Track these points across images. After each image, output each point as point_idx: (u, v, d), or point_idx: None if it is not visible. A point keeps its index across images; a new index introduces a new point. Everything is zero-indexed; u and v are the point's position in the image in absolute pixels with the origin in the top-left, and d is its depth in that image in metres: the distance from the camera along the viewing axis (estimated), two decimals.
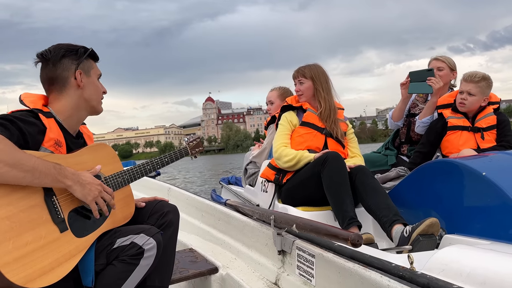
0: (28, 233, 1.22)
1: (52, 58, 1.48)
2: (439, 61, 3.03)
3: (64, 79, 1.49)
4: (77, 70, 1.49)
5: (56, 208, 1.32)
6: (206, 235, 2.47)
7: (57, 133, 1.43)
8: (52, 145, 1.39)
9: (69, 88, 1.50)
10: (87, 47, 1.55)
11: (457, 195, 1.82)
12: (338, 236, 1.25)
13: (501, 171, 1.68)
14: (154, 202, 1.68)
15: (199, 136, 1.97)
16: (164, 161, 1.72)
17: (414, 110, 3.22)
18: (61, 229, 1.31)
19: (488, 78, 2.59)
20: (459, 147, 2.57)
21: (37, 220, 1.26)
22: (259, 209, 2.03)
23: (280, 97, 3.26)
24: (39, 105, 1.45)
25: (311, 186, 2.28)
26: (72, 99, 1.50)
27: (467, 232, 1.71)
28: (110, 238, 1.43)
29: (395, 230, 1.84)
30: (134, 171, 1.60)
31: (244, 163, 3.59)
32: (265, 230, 1.85)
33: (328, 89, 2.56)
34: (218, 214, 2.41)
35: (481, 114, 2.63)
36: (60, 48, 1.50)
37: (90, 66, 1.55)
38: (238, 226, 2.14)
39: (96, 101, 1.56)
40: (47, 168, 1.25)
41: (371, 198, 2.05)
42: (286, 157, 2.40)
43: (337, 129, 2.52)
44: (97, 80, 1.58)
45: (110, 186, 1.51)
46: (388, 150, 3.42)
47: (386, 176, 2.68)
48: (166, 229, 1.58)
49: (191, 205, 2.75)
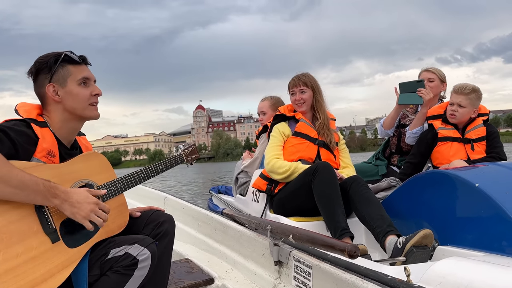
0: (19, 244, 1.21)
1: (32, 76, 1.46)
2: (430, 73, 3.07)
3: (43, 96, 1.45)
4: (49, 85, 1.43)
5: (48, 219, 1.30)
6: (202, 245, 2.45)
7: (51, 143, 1.39)
8: (45, 156, 1.36)
9: (50, 104, 1.45)
10: (60, 53, 1.45)
11: (449, 206, 1.82)
12: (335, 247, 1.24)
13: (494, 182, 1.69)
14: (149, 212, 1.65)
15: (194, 144, 1.94)
16: (159, 168, 1.68)
17: (405, 121, 3.25)
18: (52, 239, 1.29)
19: (477, 90, 2.63)
20: (449, 158, 2.60)
21: (28, 231, 1.25)
22: (256, 218, 2.01)
23: (272, 107, 3.27)
24: (34, 114, 1.42)
25: (302, 196, 2.27)
26: (56, 113, 1.46)
27: (460, 243, 1.71)
28: (104, 248, 1.41)
29: (388, 241, 1.83)
30: (128, 180, 1.57)
31: (235, 172, 3.56)
32: (262, 240, 1.83)
33: (323, 99, 2.57)
34: (214, 224, 2.38)
35: (471, 126, 2.67)
36: (35, 63, 1.44)
37: (67, 73, 1.44)
38: (234, 236, 2.12)
39: (81, 109, 1.47)
40: (36, 185, 1.23)
41: (365, 208, 2.04)
42: (279, 169, 2.39)
43: (331, 137, 2.53)
44: (78, 85, 1.46)
45: (104, 195, 1.48)
46: (378, 161, 3.44)
47: (378, 186, 2.69)
48: (161, 239, 1.56)
49: (188, 214, 2.73)
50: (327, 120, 2.55)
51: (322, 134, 2.53)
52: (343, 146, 2.66)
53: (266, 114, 3.27)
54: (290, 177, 2.37)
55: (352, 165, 2.66)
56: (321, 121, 2.53)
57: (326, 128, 2.53)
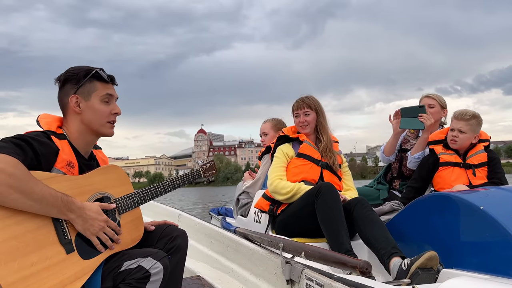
0: (34, 253, 1.23)
1: (59, 82, 1.52)
2: (430, 99, 3.13)
3: (65, 105, 1.51)
4: (73, 96, 1.48)
5: (64, 230, 1.32)
6: (214, 262, 2.44)
7: (70, 155, 1.44)
8: (65, 166, 1.40)
9: (70, 113, 1.51)
10: (92, 69, 1.52)
11: (454, 229, 1.82)
12: (347, 263, 1.24)
13: (498, 205, 1.69)
14: (163, 226, 1.67)
15: (213, 159, 1.94)
16: (176, 183, 1.70)
17: (406, 146, 3.28)
18: (67, 250, 1.31)
19: (478, 116, 2.67)
20: (451, 183, 2.60)
21: (44, 241, 1.27)
22: (268, 236, 2.01)
23: (273, 128, 3.31)
24: (54, 127, 1.47)
25: (305, 217, 2.26)
26: (74, 123, 1.51)
27: (465, 266, 1.69)
28: (117, 260, 1.41)
29: (393, 263, 1.81)
30: (144, 193, 1.59)
31: (236, 193, 3.55)
32: (274, 258, 1.82)
33: (326, 122, 2.61)
34: (227, 242, 2.38)
35: (472, 151, 2.69)
36: (66, 72, 1.52)
37: (92, 88, 1.50)
38: (246, 254, 2.11)
39: (97, 125, 1.51)
40: (55, 200, 1.27)
41: (369, 230, 2.04)
42: (282, 189, 2.40)
43: (334, 158, 2.54)
44: (101, 102, 1.51)
45: (120, 208, 1.51)
46: (380, 185, 3.44)
47: (380, 209, 2.68)
48: (174, 254, 1.56)
49: (201, 231, 2.73)
50: (330, 142, 2.58)
51: (326, 156, 2.55)
52: (346, 169, 2.68)
53: (268, 135, 3.31)
54: (293, 198, 2.37)
55: (355, 188, 2.67)
56: (324, 143, 2.56)
57: (329, 150, 2.55)
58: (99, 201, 1.47)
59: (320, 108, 2.61)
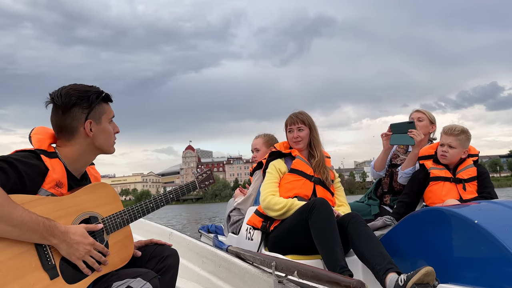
0: (16, 282, 1.17)
1: (62, 105, 1.42)
2: (420, 112, 3.19)
3: (73, 129, 1.44)
4: (87, 121, 1.44)
5: (47, 255, 1.27)
6: (206, 282, 2.38)
7: (61, 174, 1.39)
8: (53, 187, 1.35)
9: (78, 137, 1.45)
10: (100, 91, 1.49)
11: (448, 244, 1.81)
12: (340, 283, 1.21)
13: (492, 219, 1.70)
14: (153, 246, 1.63)
15: (210, 169, 1.89)
16: (169, 197, 1.65)
17: (396, 161, 3.31)
18: (51, 276, 1.26)
19: (466, 131, 2.71)
20: (442, 198, 2.62)
21: (26, 267, 1.21)
22: (260, 255, 1.97)
23: (265, 144, 3.30)
24: (45, 145, 1.41)
25: (299, 233, 2.23)
26: (81, 146, 1.46)
27: (461, 281, 1.68)
28: (106, 281, 1.37)
29: (389, 279, 1.79)
30: (134, 210, 1.54)
31: (227, 210, 3.51)
32: (266, 278, 1.79)
33: (319, 137, 2.62)
34: (219, 261, 2.33)
35: (462, 166, 2.72)
36: (71, 95, 1.42)
37: (102, 111, 1.48)
38: (239, 274, 2.07)
39: (108, 146, 1.52)
40: (36, 225, 1.22)
41: (364, 246, 2.01)
42: (275, 205, 2.37)
43: (327, 174, 2.54)
44: (109, 123, 1.51)
45: (108, 228, 1.45)
46: (371, 200, 3.45)
47: (373, 225, 2.67)
48: (165, 274, 1.52)
49: (192, 250, 2.68)
50: (323, 158, 2.58)
51: (318, 172, 2.54)
52: (338, 185, 2.68)
53: (260, 151, 3.29)
54: (286, 214, 2.35)
55: (347, 203, 2.66)
56: (318, 158, 2.56)
57: (322, 166, 2.55)
58: (85, 221, 1.41)
59: (313, 124, 2.62)
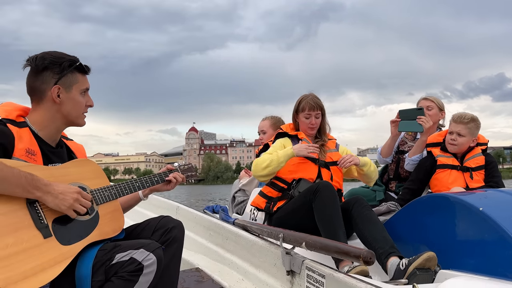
0: (9, 235, 1.20)
1: (35, 67, 1.45)
2: (428, 101, 3.13)
3: (42, 92, 1.46)
4: (55, 86, 1.45)
5: (39, 214, 1.29)
6: (213, 254, 2.42)
7: (30, 143, 1.39)
8: (24, 154, 1.36)
9: (46, 102, 1.47)
10: (75, 59, 1.50)
11: (452, 230, 1.82)
12: (349, 253, 1.22)
13: (497, 207, 1.70)
14: (158, 218, 1.64)
15: (191, 164, 1.96)
16: (154, 180, 1.71)
17: (403, 148, 3.29)
18: (44, 234, 1.28)
19: (476, 119, 2.68)
20: (448, 186, 2.61)
21: (19, 223, 1.24)
22: (268, 227, 1.99)
23: (272, 126, 3.29)
24: (13, 115, 1.43)
25: (302, 215, 2.24)
26: (48, 112, 1.47)
27: (462, 267, 1.69)
28: (109, 253, 1.38)
29: (390, 263, 1.80)
30: (121, 187, 1.58)
31: (232, 190, 3.53)
32: (274, 250, 1.81)
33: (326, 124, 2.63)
34: (226, 233, 2.36)
35: (470, 154, 2.70)
36: (45, 58, 1.45)
37: (74, 80, 1.49)
38: (246, 246, 2.10)
39: (75, 116, 1.52)
40: (17, 179, 1.23)
41: (367, 230, 2.02)
42: (262, 164, 2.37)
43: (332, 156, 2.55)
44: (80, 94, 1.51)
45: (96, 199, 1.48)
46: (376, 186, 3.44)
47: (377, 210, 2.67)
48: (170, 245, 1.54)
49: (199, 224, 2.72)
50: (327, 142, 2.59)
51: (323, 155, 2.53)
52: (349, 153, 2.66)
53: (266, 133, 3.28)
54: (273, 168, 2.34)
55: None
56: (323, 142, 2.55)
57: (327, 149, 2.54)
58: None
59: (324, 110, 2.60)
